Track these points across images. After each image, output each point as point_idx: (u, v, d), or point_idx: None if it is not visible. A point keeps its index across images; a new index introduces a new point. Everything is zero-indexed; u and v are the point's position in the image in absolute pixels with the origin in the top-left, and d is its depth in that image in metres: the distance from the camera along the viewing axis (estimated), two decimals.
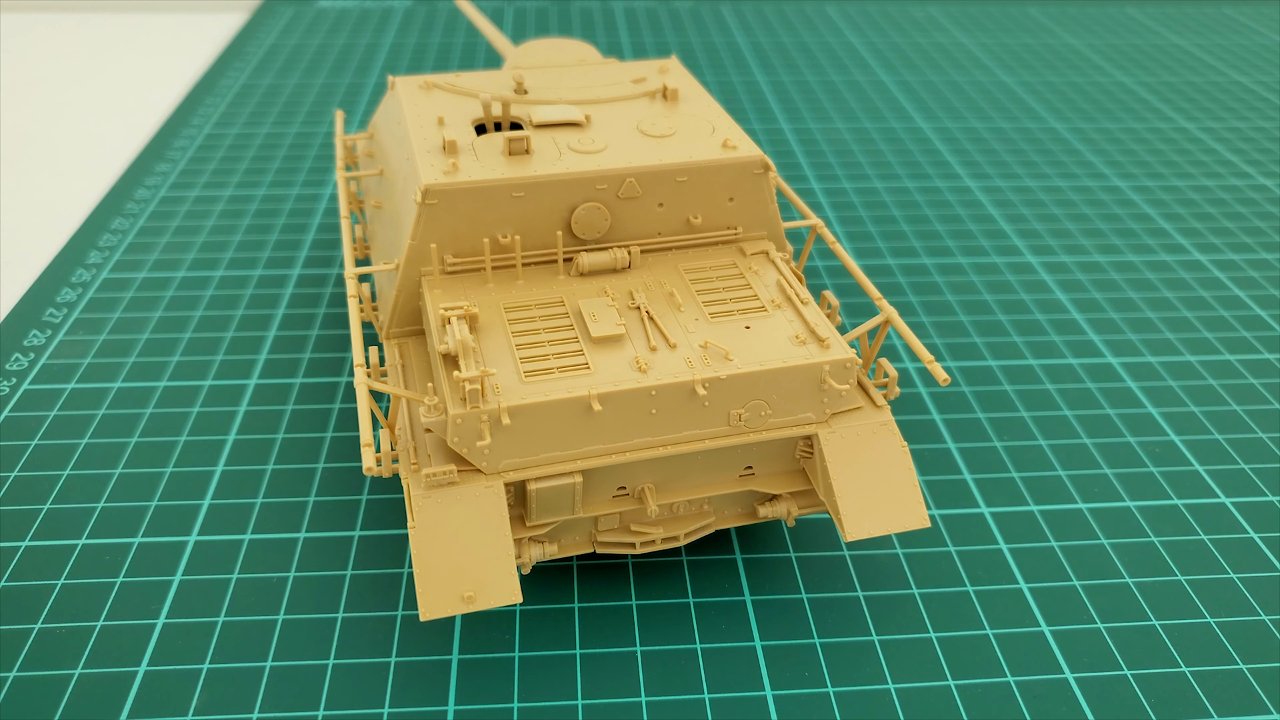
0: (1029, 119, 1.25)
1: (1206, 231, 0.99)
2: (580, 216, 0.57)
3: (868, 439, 0.53)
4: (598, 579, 0.59)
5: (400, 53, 1.42)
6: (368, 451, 0.47)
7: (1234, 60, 1.48)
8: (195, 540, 0.61)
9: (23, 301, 0.83)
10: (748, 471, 0.55)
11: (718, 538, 0.62)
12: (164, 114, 1.24)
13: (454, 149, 0.58)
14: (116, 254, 0.91)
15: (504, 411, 0.47)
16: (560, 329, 0.53)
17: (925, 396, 0.75)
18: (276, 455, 0.68)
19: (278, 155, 1.10)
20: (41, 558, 0.59)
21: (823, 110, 1.26)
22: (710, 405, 0.50)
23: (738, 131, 0.62)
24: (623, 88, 0.69)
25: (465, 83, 0.70)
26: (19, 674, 0.53)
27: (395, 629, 0.56)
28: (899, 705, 0.52)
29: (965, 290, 0.88)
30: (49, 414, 0.71)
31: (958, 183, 1.08)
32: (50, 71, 1.39)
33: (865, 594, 0.59)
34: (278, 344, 0.79)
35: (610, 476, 0.52)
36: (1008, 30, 1.59)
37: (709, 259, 0.60)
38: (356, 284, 0.58)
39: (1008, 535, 0.63)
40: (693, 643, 0.55)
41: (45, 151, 1.15)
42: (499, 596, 0.48)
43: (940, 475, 0.67)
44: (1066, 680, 0.54)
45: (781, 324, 0.53)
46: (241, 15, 1.60)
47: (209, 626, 0.56)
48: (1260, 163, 1.15)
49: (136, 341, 0.79)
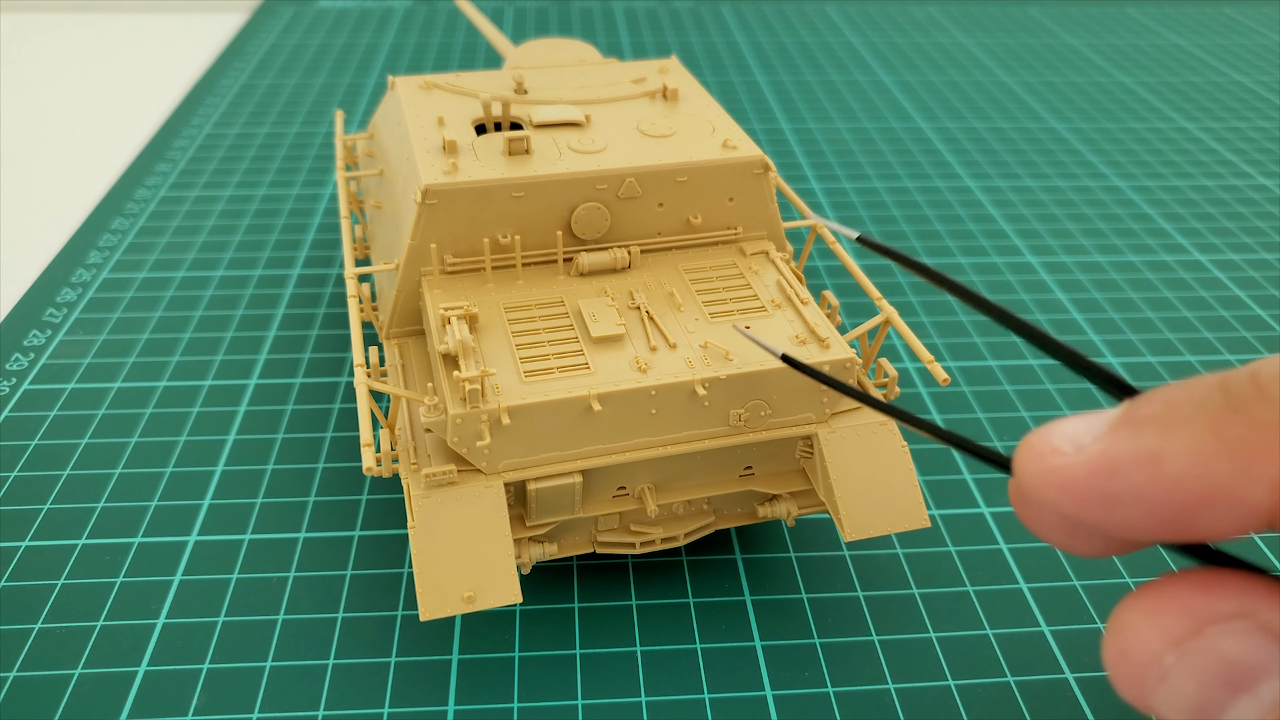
0: (1029, 119, 1.25)
1: (1206, 231, 0.99)
2: (580, 216, 0.57)
3: (868, 439, 0.53)
4: (598, 579, 0.59)
5: (400, 53, 1.42)
6: (368, 451, 0.47)
7: (1234, 60, 1.48)
8: (195, 540, 0.61)
9: (23, 301, 0.83)
10: (748, 471, 0.55)
11: (718, 538, 0.62)
12: (164, 114, 1.24)
13: (454, 149, 0.58)
14: (116, 254, 0.91)
15: (504, 411, 0.47)
16: (560, 329, 0.53)
17: (925, 396, 0.75)
18: (276, 455, 0.68)
19: (278, 155, 1.10)
20: (41, 558, 0.59)
21: (823, 110, 1.26)
22: (710, 405, 0.50)
23: (738, 131, 0.62)
24: (623, 88, 0.69)
25: (465, 83, 0.70)
26: (19, 674, 0.53)
27: (395, 629, 0.56)
28: (899, 705, 0.52)
29: None
30: (49, 414, 0.71)
31: (958, 183, 1.08)
32: (50, 71, 1.39)
33: (865, 594, 0.59)
34: (278, 344, 0.79)
35: (610, 476, 0.52)
36: (1008, 30, 1.59)
37: (709, 259, 0.59)
38: (356, 284, 0.58)
39: (1008, 535, 0.63)
40: (693, 643, 0.55)
41: (45, 151, 1.15)
42: (499, 596, 0.48)
43: (940, 475, 0.67)
44: (1066, 680, 0.54)
45: (782, 324, 0.53)
46: (241, 15, 1.60)
47: (209, 626, 0.56)
48: (1260, 163, 1.15)
49: (136, 341, 0.79)
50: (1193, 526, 0.27)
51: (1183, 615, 0.28)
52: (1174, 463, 0.27)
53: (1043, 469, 0.29)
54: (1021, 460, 0.30)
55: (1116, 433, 0.29)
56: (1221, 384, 0.28)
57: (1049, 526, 0.33)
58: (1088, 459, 0.28)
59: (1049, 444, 0.30)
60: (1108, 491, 0.28)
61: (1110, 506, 0.28)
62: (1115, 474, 0.28)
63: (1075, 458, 0.29)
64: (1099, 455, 0.28)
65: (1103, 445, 0.28)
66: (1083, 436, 0.29)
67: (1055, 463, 0.29)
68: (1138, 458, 0.28)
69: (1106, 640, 0.30)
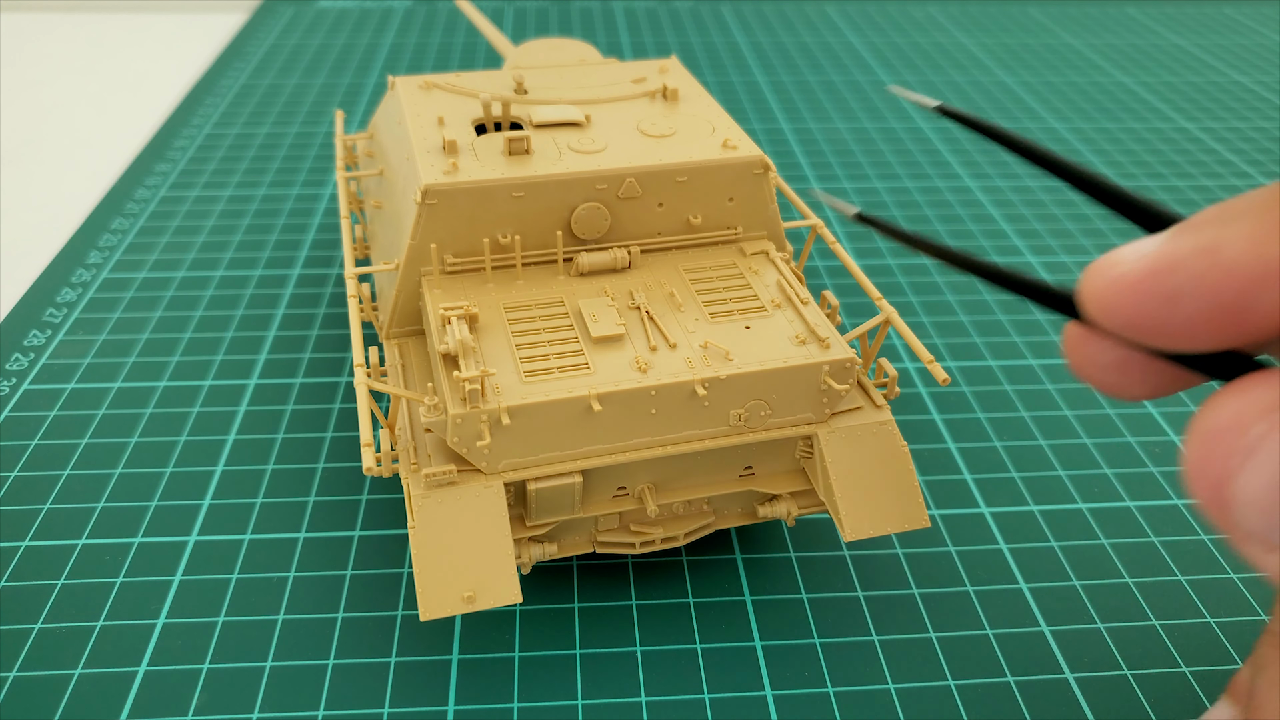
0: (1029, 119, 1.25)
1: None
2: (580, 216, 0.57)
3: (868, 439, 0.53)
4: (598, 579, 0.59)
5: (400, 53, 1.42)
6: (368, 451, 0.47)
7: (1234, 60, 1.48)
8: (195, 540, 0.61)
9: (23, 301, 0.83)
10: (748, 471, 0.55)
11: (718, 538, 0.62)
12: (164, 114, 1.24)
13: (454, 149, 0.58)
14: (116, 254, 0.91)
15: (504, 411, 0.47)
16: (560, 329, 0.53)
17: (925, 396, 0.75)
18: (276, 455, 0.68)
19: (278, 155, 1.10)
20: (41, 558, 0.59)
21: (823, 110, 1.26)
22: (710, 405, 0.50)
23: (738, 131, 0.62)
24: (623, 88, 0.69)
25: (465, 83, 0.70)
26: (19, 674, 0.53)
27: (395, 629, 0.56)
28: (899, 705, 0.52)
29: (965, 290, 0.88)
30: (49, 414, 0.71)
31: (958, 183, 1.08)
32: (50, 71, 1.39)
33: (865, 594, 0.59)
34: (278, 344, 0.79)
35: (610, 476, 0.52)
36: (1008, 30, 1.59)
37: (709, 259, 0.59)
38: (356, 284, 0.58)
39: (1008, 535, 0.63)
40: (693, 643, 0.55)
41: (45, 151, 1.15)
42: (499, 596, 0.48)
43: (940, 475, 0.67)
44: (1066, 680, 0.54)
45: (781, 324, 0.53)
46: (241, 15, 1.60)
47: (209, 626, 0.56)
48: (1260, 163, 1.15)
49: (136, 341, 0.79)
50: (1251, 313, 0.29)
51: (1274, 388, 0.29)
52: (1231, 249, 0.29)
53: (1108, 279, 0.31)
54: (1088, 278, 0.32)
55: (1176, 235, 0.30)
56: (1276, 186, 0.29)
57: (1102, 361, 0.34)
58: (1151, 258, 0.30)
59: (1111, 259, 0.31)
60: (1169, 287, 0.29)
61: (1173, 302, 0.29)
62: (1176, 268, 0.29)
63: (1139, 262, 0.30)
64: (1160, 253, 0.30)
65: (1163, 246, 0.30)
66: (1144, 249, 0.31)
67: (1119, 270, 0.31)
68: (1197, 250, 0.29)
69: (1191, 428, 0.31)
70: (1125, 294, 0.30)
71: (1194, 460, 0.30)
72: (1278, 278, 0.28)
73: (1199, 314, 0.29)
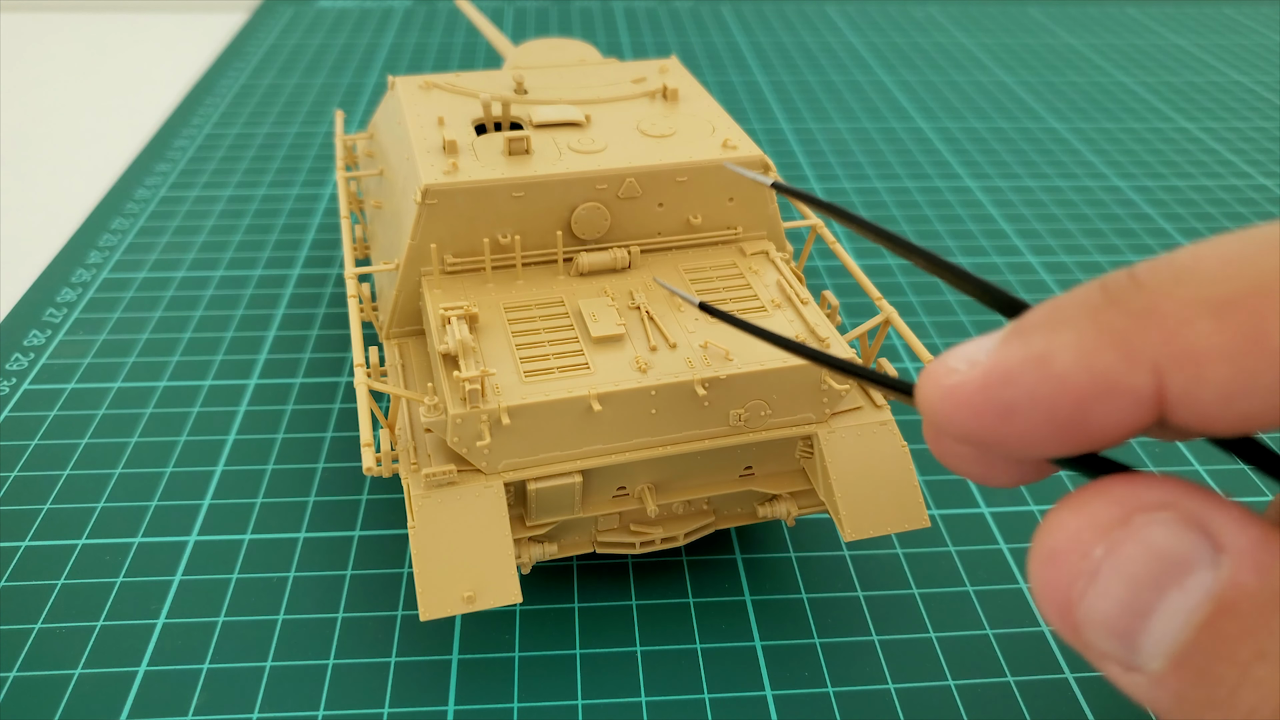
0: (1029, 119, 1.25)
1: (1207, 231, 0.99)
2: (580, 216, 0.57)
3: (868, 439, 0.53)
4: (598, 579, 0.59)
5: (400, 53, 1.42)
6: (368, 451, 0.47)
7: (1234, 60, 1.48)
8: (195, 540, 0.61)
9: (23, 301, 0.83)
10: (747, 471, 0.55)
11: (718, 538, 0.62)
12: (164, 114, 1.24)
13: (454, 149, 0.58)
14: (116, 254, 0.91)
15: (504, 411, 0.47)
16: (560, 329, 0.53)
17: None
18: (276, 455, 0.68)
19: (278, 155, 1.10)
20: (41, 558, 0.59)
21: (823, 110, 1.26)
22: (710, 405, 0.50)
23: (738, 131, 0.62)
24: (623, 88, 0.69)
25: (465, 83, 0.70)
26: (19, 674, 0.53)
27: (395, 629, 0.56)
28: (899, 705, 0.52)
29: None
30: (49, 414, 0.71)
31: (958, 183, 1.08)
32: (50, 71, 1.39)
33: (865, 594, 0.59)
34: (278, 344, 0.79)
35: (610, 476, 0.52)
36: (1008, 30, 1.59)
37: (709, 259, 0.59)
38: (356, 284, 0.58)
39: (1008, 535, 0.63)
40: (693, 643, 0.55)
41: (45, 151, 1.15)
42: (499, 596, 0.48)
43: (940, 475, 0.67)
44: (1066, 680, 0.54)
45: (782, 324, 0.53)
46: (241, 15, 1.60)
47: (209, 626, 0.56)
48: (1260, 163, 1.15)
49: (136, 341, 0.79)
50: (1088, 425, 0.28)
51: (1110, 504, 0.28)
52: (1061, 359, 0.27)
53: (941, 389, 0.30)
54: (921, 385, 0.31)
55: (1006, 343, 0.29)
56: (1101, 284, 0.28)
57: (960, 456, 0.33)
58: (981, 371, 0.29)
59: (945, 365, 0.30)
60: (1003, 400, 0.28)
61: (1007, 416, 0.28)
62: (1008, 381, 0.28)
63: (970, 372, 0.29)
64: (991, 366, 0.29)
65: (994, 356, 0.29)
66: (977, 354, 0.30)
67: (951, 381, 0.29)
68: (1027, 361, 0.28)
69: (1034, 548, 0.29)
70: (961, 408, 0.29)
71: (1039, 583, 0.29)
72: (1110, 389, 0.27)
73: (1036, 428, 0.28)
